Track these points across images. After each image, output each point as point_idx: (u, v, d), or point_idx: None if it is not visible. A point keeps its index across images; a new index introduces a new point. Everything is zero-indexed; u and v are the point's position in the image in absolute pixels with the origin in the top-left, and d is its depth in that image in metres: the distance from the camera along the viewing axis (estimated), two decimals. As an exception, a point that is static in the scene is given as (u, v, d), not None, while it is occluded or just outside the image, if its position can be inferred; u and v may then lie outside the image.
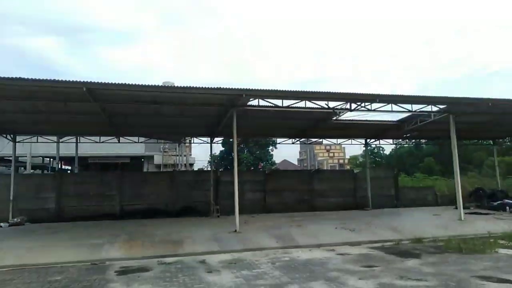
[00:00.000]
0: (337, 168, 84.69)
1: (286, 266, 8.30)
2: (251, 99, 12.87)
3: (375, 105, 14.09)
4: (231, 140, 69.88)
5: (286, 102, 13.25)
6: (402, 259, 8.88)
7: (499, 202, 18.84)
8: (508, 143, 48.40)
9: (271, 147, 78.75)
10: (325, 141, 21.43)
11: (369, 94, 12.14)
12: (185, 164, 35.63)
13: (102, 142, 20.77)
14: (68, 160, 36.82)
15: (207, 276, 7.48)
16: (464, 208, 15.26)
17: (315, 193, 21.82)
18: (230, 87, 10.83)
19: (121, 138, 19.92)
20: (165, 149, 38.65)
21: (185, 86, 10.45)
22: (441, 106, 14.94)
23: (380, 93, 12.17)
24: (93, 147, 32.03)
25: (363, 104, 13.53)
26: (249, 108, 13.31)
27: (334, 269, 7.85)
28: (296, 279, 7.07)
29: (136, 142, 30.25)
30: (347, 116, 16.44)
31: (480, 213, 16.88)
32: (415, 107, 14.56)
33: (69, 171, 36.70)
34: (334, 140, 21.54)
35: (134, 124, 16.10)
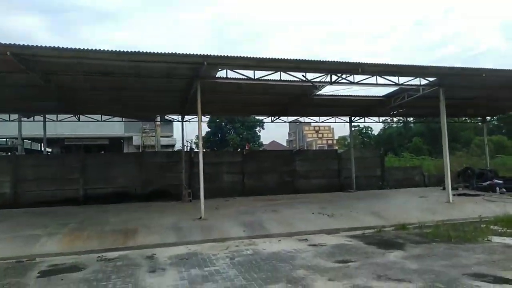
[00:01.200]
0: (326, 149, 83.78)
1: (246, 262, 7.01)
2: (219, 69, 11.37)
3: (358, 78, 12.75)
4: (217, 119, 68.01)
5: (259, 74, 11.78)
6: (383, 251, 7.67)
7: (488, 182, 17.86)
8: (495, 122, 47.98)
9: (258, 128, 77.54)
10: (306, 119, 20.01)
11: (350, 63, 10.71)
12: (161, 146, 34.06)
13: (65, 120, 19.08)
14: (41, 141, 35.06)
15: (146, 278, 6.13)
16: (452, 189, 14.20)
17: (297, 174, 20.60)
18: (188, 53, 9.25)
19: (101, 117, 18.37)
20: (144, 129, 36.86)
21: (135, 51, 8.84)
22: (431, 79, 13.63)
23: (363, 62, 10.71)
24: (71, 127, 30.37)
25: (344, 76, 12.11)
26: (216, 80, 11.81)
27: (302, 266, 6.58)
28: (252, 281, 5.78)
29: (112, 121, 28.64)
30: (329, 90, 15.12)
31: (469, 195, 15.87)
32: (402, 80, 13.23)
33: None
34: (316, 118, 20.16)
35: (91, 100, 14.45)
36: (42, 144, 38.47)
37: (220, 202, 15.88)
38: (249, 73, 11.66)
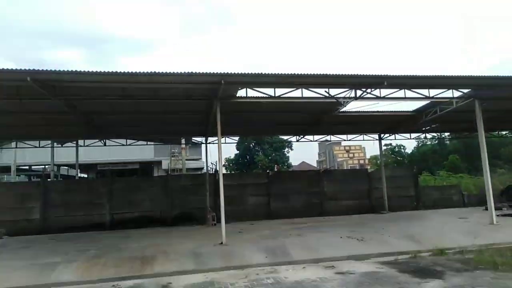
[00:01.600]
0: (355, 168, 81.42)
1: (265, 292, 6.44)
2: (239, 88, 11.14)
3: (384, 92, 12.12)
4: (245, 143, 67.94)
5: (279, 92, 11.43)
6: (418, 280, 6.87)
7: (536, 201, 16.33)
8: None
9: (286, 149, 76.90)
10: (334, 138, 19.35)
11: (375, 75, 10.14)
12: (187, 169, 34.10)
13: (92, 145, 19.43)
14: (82, 167, 36.23)
15: (157, 311, 5.71)
16: (495, 209, 12.95)
17: (325, 195, 19.77)
18: (205, 72, 9.06)
19: (129, 142, 18.72)
20: (173, 153, 37.26)
21: (150, 71, 8.75)
22: (465, 91, 12.76)
23: (388, 74, 10.13)
24: (103, 153, 31.26)
25: (369, 91, 11.52)
26: (236, 100, 11.56)
27: (326, 298, 5.94)
28: (269, 316, 5.22)
29: (143, 146, 29.05)
30: (355, 106, 14.50)
31: (516, 215, 14.49)
32: (433, 92, 12.45)
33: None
34: (343, 136, 19.45)
35: (114, 124, 14.60)
36: (78, 170, 39.94)
37: (245, 226, 15.38)
38: (269, 91, 11.36)
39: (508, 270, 7.22)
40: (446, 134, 22.92)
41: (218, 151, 11.90)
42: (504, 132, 21.98)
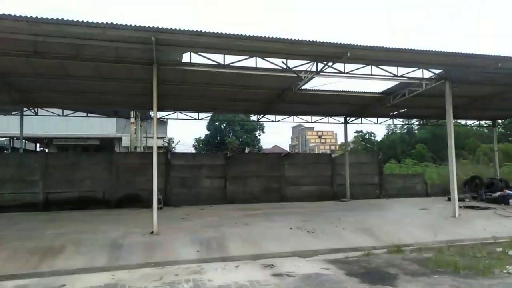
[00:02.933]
0: (318, 153, 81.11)
1: (174, 303, 5.05)
2: (182, 52, 9.50)
3: (349, 68, 10.81)
4: (216, 123, 65.82)
5: (230, 59, 9.87)
6: (367, 287, 5.69)
7: (499, 193, 15.80)
8: (502, 130, 45.69)
9: (258, 131, 75.72)
10: (296, 118, 18.04)
11: (337, 43, 8.72)
12: (146, 147, 32.11)
13: (41, 116, 17.09)
14: (35, 140, 33.44)
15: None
16: (458, 200, 12.12)
17: (286, 180, 18.59)
18: (130, 24, 7.32)
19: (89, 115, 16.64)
20: (142, 130, 35.04)
21: (58, 19, 6.93)
22: (436, 71, 11.66)
23: (352, 44, 8.75)
24: (60, 126, 28.74)
25: (331, 64, 10.15)
26: (177, 67, 9.93)
27: (247, 313, 4.62)
28: None
29: (104, 120, 26.67)
30: (318, 84, 13.19)
31: (478, 207, 13.81)
32: (402, 71, 11.28)
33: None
34: (307, 118, 18.16)
35: (40, 89, 12.62)
36: (38, 144, 36.88)
37: (193, 211, 13.98)
38: (218, 58, 9.78)
39: (471, 276, 6.17)
40: (414, 121, 21.85)
41: (154, 127, 10.29)
42: (470, 122, 21.42)
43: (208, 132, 71.95)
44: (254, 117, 17.94)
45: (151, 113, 19.55)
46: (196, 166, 17.52)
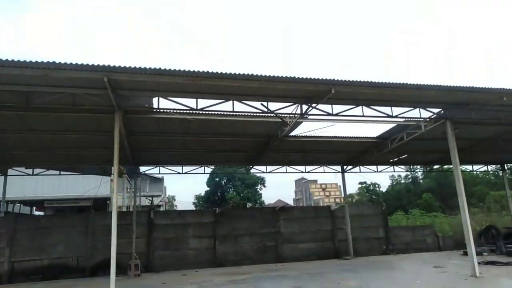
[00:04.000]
0: (316, 205, 78.23)
1: None
2: (150, 97, 8.56)
3: (338, 109, 9.80)
4: (216, 179, 64.45)
5: (203, 104, 8.91)
6: None
7: (521, 245, 14.02)
8: (509, 175, 43.88)
9: (259, 186, 74.06)
10: (289, 169, 16.76)
11: (318, 79, 7.75)
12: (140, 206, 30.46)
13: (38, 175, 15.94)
14: (35, 203, 32.14)
15: None
16: (476, 254, 10.42)
17: (282, 238, 16.87)
18: (81, 63, 6.41)
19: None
20: (129, 188, 33.68)
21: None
22: (435, 110, 10.63)
23: (336, 79, 7.79)
24: (52, 188, 27.61)
25: (315, 105, 9.14)
26: (142, 115, 8.95)
27: None
28: None
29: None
30: (307, 130, 12.15)
31: (500, 263, 12.00)
32: (397, 111, 10.25)
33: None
34: (301, 168, 16.91)
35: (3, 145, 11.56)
36: (34, 208, 35.40)
37: (173, 278, 12.28)
38: (192, 103, 8.82)
39: None
40: (418, 168, 20.53)
41: (113, 183, 9.07)
42: (477, 167, 20.07)
43: (208, 189, 70.50)
44: (243, 169, 16.57)
45: (142, 168, 18.48)
46: (181, 225, 15.96)
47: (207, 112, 9.67)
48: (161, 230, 15.70)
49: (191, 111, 8.85)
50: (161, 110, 9.39)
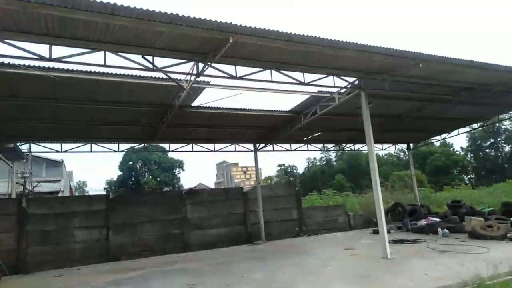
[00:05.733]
0: (227, 187, 78.23)
1: None
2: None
3: (243, 71, 8.19)
4: (130, 162, 59.81)
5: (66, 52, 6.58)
6: None
7: (424, 221, 14.20)
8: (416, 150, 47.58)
9: (178, 169, 70.99)
10: (196, 147, 14.93)
11: (212, 22, 5.97)
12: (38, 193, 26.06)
13: None
14: None
15: None
16: (386, 233, 9.87)
17: (189, 224, 15.11)
18: None
19: None
20: (23, 174, 28.62)
21: None
22: (350, 80, 9.64)
23: (238, 24, 6.10)
24: None
25: (211, 63, 7.39)
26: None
27: None
28: None
29: None
30: (213, 99, 10.41)
31: (408, 241, 11.80)
32: (310, 77, 9.01)
33: None
34: (210, 146, 15.16)
35: None
36: None
37: (42, 281, 9.79)
38: (43, 50, 6.43)
39: None
40: (331, 147, 20.21)
41: None
42: (386, 146, 20.42)
43: (121, 173, 65.40)
44: (140, 146, 14.24)
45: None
46: (65, 214, 13.24)
47: (69, 68, 7.36)
48: (38, 221, 12.82)
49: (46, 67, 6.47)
50: (4, 63, 6.89)
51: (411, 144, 20.44)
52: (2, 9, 5.27)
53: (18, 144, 13.35)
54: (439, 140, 21.04)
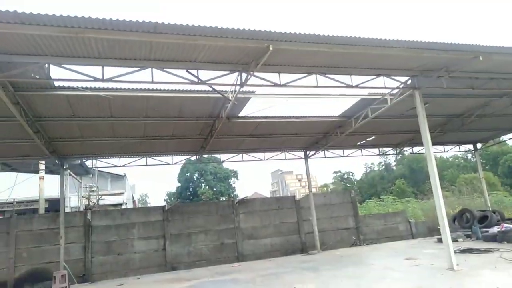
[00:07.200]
0: (279, 196, 76.87)
1: None
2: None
3: (287, 79, 8.07)
4: (187, 174, 61.78)
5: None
6: None
7: (497, 228, 12.89)
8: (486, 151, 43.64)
9: (232, 179, 72.21)
10: (246, 156, 14.96)
11: (253, 31, 5.94)
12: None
13: None
14: None
15: None
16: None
17: (242, 233, 15.15)
18: None
19: None
20: (91, 188, 30.94)
21: None
22: (402, 79, 9.10)
23: (275, 31, 6.00)
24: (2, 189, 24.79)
25: (252, 72, 7.35)
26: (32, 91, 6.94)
27: None
28: None
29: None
30: (256, 109, 10.41)
31: (478, 250, 10.75)
32: (358, 79, 8.63)
33: None
34: (259, 155, 15.12)
35: None
36: None
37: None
38: (96, 72, 6.86)
39: None
40: (389, 151, 19.15)
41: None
42: (448, 147, 18.93)
43: (179, 184, 68.06)
44: (193, 158, 14.61)
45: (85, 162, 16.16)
46: (125, 226, 13.94)
47: (121, 87, 7.77)
48: (101, 232, 13.64)
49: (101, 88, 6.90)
50: (64, 86, 7.46)
51: (478, 144, 18.79)
52: (57, 37, 5.71)
53: (84, 160, 14.32)
54: (511, 138, 19.05)
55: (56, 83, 7.66)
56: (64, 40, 5.77)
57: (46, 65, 6.60)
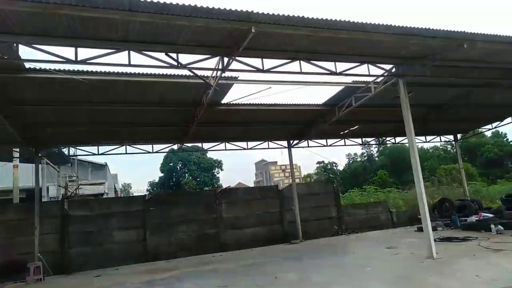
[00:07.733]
0: (263, 186, 76.92)
1: None
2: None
3: (270, 64, 7.85)
4: (170, 164, 61.09)
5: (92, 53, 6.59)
6: None
7: (475, 217, 13.12)
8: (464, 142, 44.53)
9: (216, 169, 71.84)
10: (228, 145, 14.72)
11: (233, 11, 5.69)
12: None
13: None
14: None
15: None
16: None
17: (224, 223, 15.04)
18: None
19: None
20: (71, 177, 30.07)
21: None
22: (386, 67, 8.99)
23: (258, 11, 5.76)
24: None
25: (246, 60, 7.11)
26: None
27: None
28: None
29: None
30: (239, 96, 10.18)
31: (457, 239, 10.88)
32: (342, 66, 8.48)
33: None
34: (243, 144, 14.91)
35: None
36: None
37: (82, 281, 10.04)
38: (67, 52, 6.48)
39: None
40: (371, 141, 19.19)
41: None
42: (430, 138, 19.12)
43: (162, 174, 67.30)
44: (175, 147, 14.25)
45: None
46: (104, 216, 13.60)
47: (97, 70, 7.41)
48: (79, 222, 13.27)
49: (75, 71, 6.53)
50: (36, 68, 7.06)
51: (459, 135, 19.07)
52: (26, 14, 5.33)
53: (61, 148, 13.81)
54: (490, 129, 19.39)
55: (27, 65, 7.27)
56: (34, 17, 5.38)
57: (15, 45, 6.22)
